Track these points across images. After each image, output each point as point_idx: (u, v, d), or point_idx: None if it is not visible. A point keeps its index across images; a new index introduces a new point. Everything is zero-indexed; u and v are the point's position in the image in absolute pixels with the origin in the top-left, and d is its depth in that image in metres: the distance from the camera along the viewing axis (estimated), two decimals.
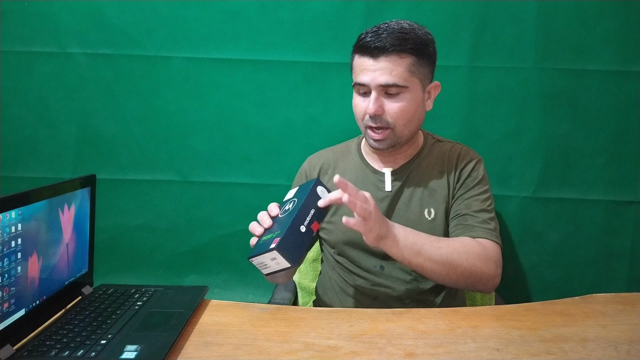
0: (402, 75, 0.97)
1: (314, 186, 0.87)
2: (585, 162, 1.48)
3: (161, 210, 1.56)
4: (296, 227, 0.81)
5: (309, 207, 0.84)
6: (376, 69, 0.97)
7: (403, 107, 0.99)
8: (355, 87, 1.02)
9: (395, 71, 0.97)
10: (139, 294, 0.90)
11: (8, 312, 0.70)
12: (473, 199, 1.04)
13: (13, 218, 0.70)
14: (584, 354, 0.71)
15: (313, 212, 0.84)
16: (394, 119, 1.00)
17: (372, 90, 0.98)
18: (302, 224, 0.82)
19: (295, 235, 0.81)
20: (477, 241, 0.97)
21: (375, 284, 1.05)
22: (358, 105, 1.03)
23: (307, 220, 0.83)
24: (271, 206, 0.90)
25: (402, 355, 0.71)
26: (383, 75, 0.97)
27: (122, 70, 1.50)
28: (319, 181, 0.88)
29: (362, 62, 0.99)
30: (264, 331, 0.78)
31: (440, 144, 1.13)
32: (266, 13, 1.47)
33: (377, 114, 0.99)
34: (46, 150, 1.53)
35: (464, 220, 1.02)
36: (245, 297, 1.57)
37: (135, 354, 0.68)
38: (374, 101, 0.98)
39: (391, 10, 1.44)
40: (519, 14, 1.43)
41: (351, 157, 1.15)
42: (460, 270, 0.92)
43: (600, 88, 1.44)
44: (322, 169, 1.15)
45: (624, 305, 0.88)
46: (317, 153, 1.20)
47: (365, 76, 0.98)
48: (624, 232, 1.49)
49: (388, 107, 0.99)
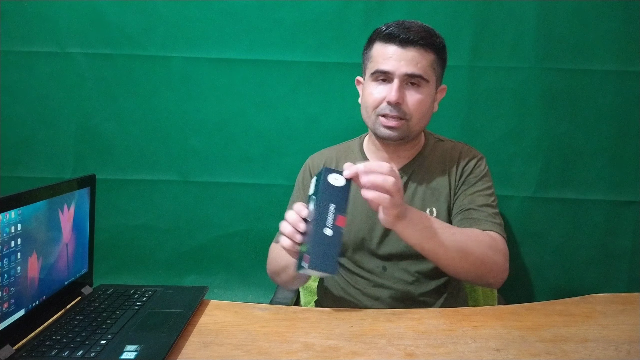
0: (426, 69, 0.98)
1: (324, 176, 0.80)
2: (585, 162, 1.48)
3: (161, 210, 1.56)
4: (320, 233, 0.77)
5: (326, 203, 0.79)
6: (402, 58, 0.97)
7: (422, 99, 0.99)
8: (375, 74, 1.00)
9: (420, 64, 0.97)
10: (138, 294, 0.90)
11: (8, 312, 0.70)
12: (477, 194, 1.04)
13: (13, 218, 0.70)
14: (584, 354, 0.70)
15: (333, 207, 0.79)
16: (412, 110, 0.99)
17: (396, 78, 0.97)
18: (325, 225, 0.78)
19: (322, 244, 0.77)
20: (487, 233, 0.97)
21: (377, 285, 1.05)
22: (373, 93, 1.01)
23: (329, 219, 0.78)
24: (297, 206, 0.85)
25: (402, 355, 0.71)
26: (409, 65, 0.96)
27: (122, 70, 1.50)
28: (327, 169, 0.81)
29: (386, 50, 0.98)
30: (264, 331, 0.78)
31: (442, 143, 1.13)
32: (266, 13, 1.47)
33: (399, 102, 0.98)
34: (46, 150, 1.53)
35: (468, 215, 1.01)
36: (245, 297, 1.57)
37: (135, 354, 0.68)
38: (397, 89, 0.97)
39: (391, 10, 1.44)
40: (519, 14, 1.43)
41: (354, 156, 1.14)
42: (472, 258, 0.91)
43: (600, 88, 1.44)
44: (326, 164, 1.14)
45: (624, 305, 0.88)
46: (319, 152, 1.20)
47: (389, 64, 0.97)
48: (624, 232, 1.49)
49: (408, 98, 0.98)
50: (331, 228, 0.78)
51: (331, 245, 0.78)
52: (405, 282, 1.05)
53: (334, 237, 0.78)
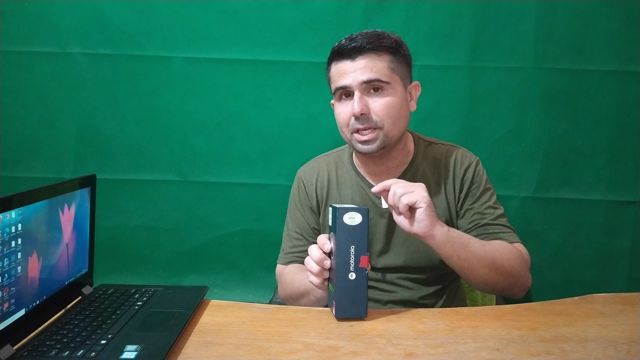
0: (383, 71, 0.95)
1: (339, 217, 0.78)
2: (585, 162, 1.48)
3: (161, 210, 1.56)
4: (344, 278, 0.77)
5: (347, 246, 0.77)
6: (356, 68, 0.94)
7: (388, 102, 0.95)
8: (336, 94, 0.98)
9: (375, 67, 0.94)
10: (139, 294, 0.90)
11: (8, 312, 0.70)
12: (485, 206, 1.01)
13: (13, 218, 0.70)
14: (583, 354, 0.70)
15: (353, 249, 0.78)
16: (381, 116, 0.95)
17: (355, 90, 0.94)
18: (348, 270, 0.77)
19: (348, 289, 0.77)
20: (513, 245, 0.96)
21: (377, 289, 1.05)
22: (341, 112, 0.98)
23: (352, 262, 0.77)
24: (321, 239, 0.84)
25: (402, 355, 0.71)
26: (364, 73, 0.94)
27: (122, 70, 1.50)
28: (341, 209, 0.78)
29: (339, 67, 0.96)
30: (264, 331, 0.78)
31: (433, 147, 1.07)
32: (266, 13, 1.47)
33: (364, 113, 0.94)
34: (46, 150, 1.53)
35: (485, 230, 0.99)
36: (245, 297, 1.57)
37: (135, 354, 0.68)
38: (359, 100, 0.94)
39: (391, 10, 1.44)
40: (519, 14, 1.43)
41: (345, 169, 1.10)
42: (501, 270, 0.90)
43: (600, 88, 1.45)
44: (319, 181, 1.10)
45: (624, 305, 0.88)
46: (308, 163, 1.15)
47: (345, 79, 0.95)
48: (624, 232, 1.49)
49: (373, 106, 0.95)
50: (354, 271, 0.78)
51: (357, 288, 0.77)
52: (404, 287, 1.04)
53: (357, 279, 0.78)
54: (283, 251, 1.12)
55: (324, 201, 1.08)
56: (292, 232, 1.11)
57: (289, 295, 1.03)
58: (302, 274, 0.97)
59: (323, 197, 1.09)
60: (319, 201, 1.09)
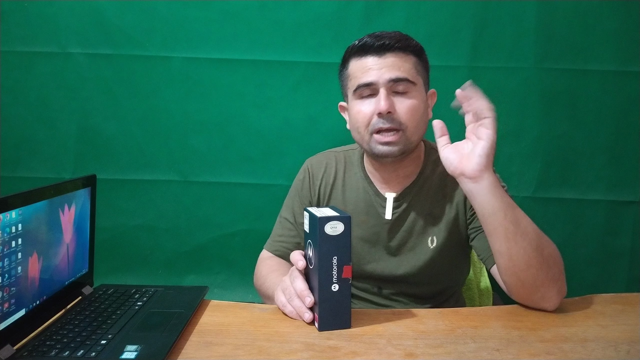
0: (410, 72, 0.92)
1: (320, 228, 0.73)
2: (585, 162, 1.48)
3: (161, 210, 1.56)
4: (327, 290, 0.74)
5: (329, 257, 0.74)
6: (382, 65, 0.91)
7: (414, 104, 0.92)
8: (358, 91, 0.93)
9: (403, 67, 0.91)
10: (139, 294, 0.90)
11: (8, 312, 0.70)
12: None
13: (13, 218, 0.70)
14: (583, 354, 0.70)
15: (336, 259, 0.74)
16: (406, 118, 0.91)
17: (381, 87, 0.91)
18: (331, 282, 0.74)
19: (330, 301, 0.74)
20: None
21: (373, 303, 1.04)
22: (362, 111, 0.93)
23: (334, 274, 0.74)
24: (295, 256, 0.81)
25: (402, 355, 0.71)
26: (392, 71, 0.90)
27: (122, 70, 1.50)
28: (322, 219, 0.74)
29: (363, 63, 0.93)
30: (264, 331, 0.78)
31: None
32: (266, 13, 1.47)
33: (390, 111, 0.90)
34: (46, 150, 1.53)
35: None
36: (245, 297, 1.57)
37: (135, 354, 0.68)
38: (386, 97, 0.90)
39: (391, 11, 1.44)
40: (519, 14, 1.43)
41: (354, 171, 1.06)
42: (544, 255, 0.81)
43: (600, 88, 1.45)
44: (325, 177, 1.07)
45: (623, 306, 0.88)
46: (317, 156, 1.12)
47: (370, 75, 0.91)
48: (624, 232, 1.49)
49: (399, 106, 0.91)
50: (337, 282, 0.75)
51: (340, 300, 0.75)
52: (401, 303, 1.03)
53: (341, 290, 0.75)
54: (272, 236, 1.11)
55: (325, 199, 1.07)
56: (284, 220, 1.10)
57: (258, 288, 1.04)
58: (275, 276, 0.96)
59: (325, 195, 1.07)
60: (320, 199, 1.08)
